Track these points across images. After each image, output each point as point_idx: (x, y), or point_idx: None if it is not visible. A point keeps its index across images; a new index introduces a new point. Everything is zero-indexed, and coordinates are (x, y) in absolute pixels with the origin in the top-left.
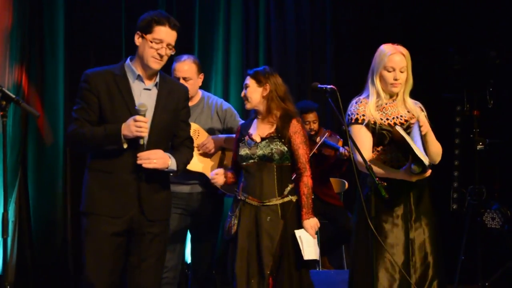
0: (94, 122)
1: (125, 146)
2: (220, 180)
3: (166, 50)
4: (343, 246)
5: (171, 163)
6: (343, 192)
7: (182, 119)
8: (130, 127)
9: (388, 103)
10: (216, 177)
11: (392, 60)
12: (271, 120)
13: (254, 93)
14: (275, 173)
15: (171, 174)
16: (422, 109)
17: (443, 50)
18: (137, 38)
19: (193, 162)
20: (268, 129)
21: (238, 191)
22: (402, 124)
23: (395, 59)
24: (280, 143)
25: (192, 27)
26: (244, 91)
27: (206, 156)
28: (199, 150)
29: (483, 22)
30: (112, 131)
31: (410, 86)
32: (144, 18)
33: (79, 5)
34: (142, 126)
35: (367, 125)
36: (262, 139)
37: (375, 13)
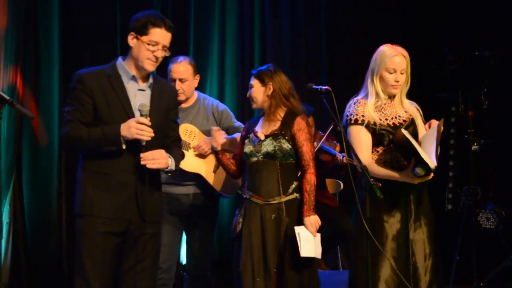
0: (88, 123)
1: (123, 147)
2: (219, 139)
3: (162, 52)
4: (338, 247)
5: (171, 162)
6: (338, 192)
7: (172, 119)
8: (131, 129)
9: (387, 103)
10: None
11: (393, 61)
12: (276, 118)
13: (259, 93)
14: (278, 171)
15: (169, 174)
16: (418, 109)
17: (438, 50)
18: (131, 39)
19: (189, 163)
20: (273, 126)
21: (244, 189)
22: (401, 124)
23: (396, 60)
24: (284, 141)
25: (187, 28)
26: (249, 91)
27: (202, 157)
28: (195, 151)
29: (478, 22)
30: (110, 133)
31: (407, 87)
32: (138, 19)
33: (74, 6)
34: (144, 128)
35: (367, 125)
36: (266, 136)
37: (370, 13)
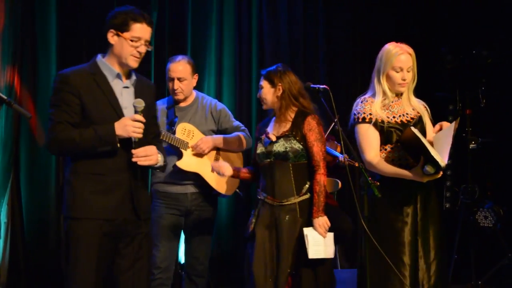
0: (76, 124)
1: (118, 146)
2: (222, 170)
3: (144, 48)
4: (337, 246)
5: (160, 158)
6: (336, 191)
7: (153, 115)
8: (127, 128)
9: (394, 101)
10: (215, 165)
11: (400, 60)
12: (286, 119)
13: (268, 94)
14: (291, 172)
15: (158, 170)
16: (426, 107)
17: (435, 49)
18: (111, 36)
19: (187, 162)
20: (284, 127)
21: (258, 191)
22: (408, 122)
23: (402, 59)
24: (295, 141)
25: (185, 28)
26: (259, 92)
27: (200, 156)
28: (193, 151)
29: (476, 21)
30: (105, 133)
31: (414, 84)
32: (117, 16)
33: (71, 6)
34: (140, 126)
35: (374, 123)
36: (278, 137)
37: (368, 12)
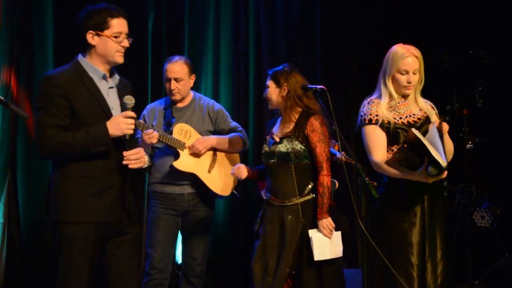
0: (66, 127)
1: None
2: (241, 174)
3: (127, 41)
4: None
5: (147, 159)
6: (333, 191)
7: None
8: (120, 126)
9: (400, 102)
10: (237, 170)
11: (406, 63)
12: (291, 119)
13: (274, 94)
14: (293, 172)
15: (144, 171)
16: (433, 107)
17: (432, 49)
18: (91, 37)
19: (184, 163)
20: (287, 128)
21: (265, 191)
22: (415, 123)
23: (408, 61)
24: (297, 142)
25: (182, 28)
26: (265, 92)
27: (197, 156)
28: (190, 151)
29: (472, 21)
30: (98, 134)
31: (421, 85)
32: (92, 16)
33: (68, 5)
34: (132, 122)
35: (381, 125)
36: (281, 138)
37: (365, 12)
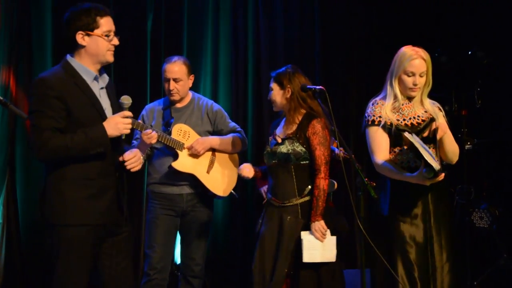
0: (62, 129)
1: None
2: (247, 173)
3: (116, 39)
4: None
5: (142, 160)
6: (332, 192)
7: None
8: (118, 125)
9: (405, 103)
10: (244, 170)
11: (413, 65)
12: (294, 121)
13: (278, 96)
14: (293, 173)
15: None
16: (440, 109)
17: (431, 50)
18: (80, 37)
19: (183, 163)
20: (290, 129)
21: (266, 192)
22: (419, 125)
23: (415, 64)
24: (298, 144)
25: (180, 29)
26: (269, 94)
27: (196, 157)
28: (189, 152)
29: (471, 22)
30: (96, 134)
31: (428, 88)
32: (80, 17)
33: (67, 6)
34: (130, 122)
35: (383, 126)
36: (283, 139)
37: (363, 13)
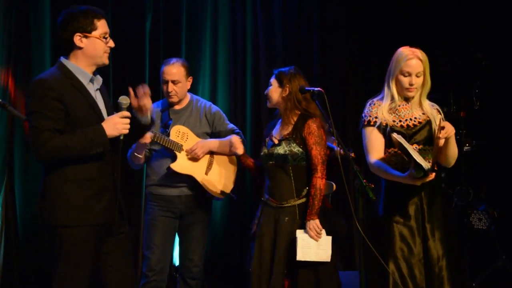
0: (61, 130)
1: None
2: (240, 150)
3: (112, 42)
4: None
5: (149, 115)
6: (330, 193)
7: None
8: (117, 126)
9: (402, 105)
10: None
11: (409, 65)
12: (290, 122)
13: (275, 93)
14: (291, 174)
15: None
16: (440, 111)
17: (429, 51)
18: (78, 39)
19: (181, 165)
20: (286, 130)
21: (262, 192)
22: (414, 126)
23: (411, 64)
24: (295, 145)
25: (179, 30)
26: (267, 89)
27: (194, 159)
28: (188, 154)
29: (470, 23)
30: (95, 135)
31: (427, 89)
32: (78, 18)
33: (66, 6)
34: (128, 122)
35: (378, 126)
36: (280, 140)
37: (362, 13)
